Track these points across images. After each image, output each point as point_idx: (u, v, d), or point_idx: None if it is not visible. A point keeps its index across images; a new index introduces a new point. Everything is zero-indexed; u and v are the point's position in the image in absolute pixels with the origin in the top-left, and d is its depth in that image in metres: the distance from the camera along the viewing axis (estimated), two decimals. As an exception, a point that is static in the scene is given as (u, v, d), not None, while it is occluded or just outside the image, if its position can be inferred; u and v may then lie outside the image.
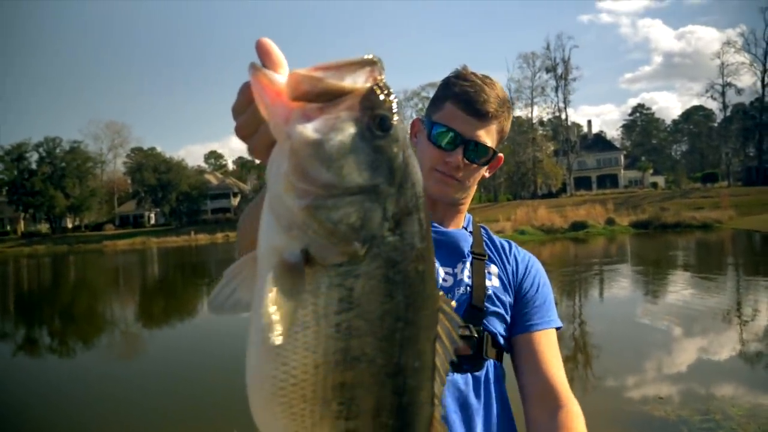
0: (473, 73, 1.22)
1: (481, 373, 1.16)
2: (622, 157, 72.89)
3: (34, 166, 71.55)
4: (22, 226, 73.57)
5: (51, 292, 20.32)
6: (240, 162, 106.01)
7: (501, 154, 1.27)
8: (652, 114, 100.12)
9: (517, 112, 68.75)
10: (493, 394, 1.18)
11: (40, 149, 71.79)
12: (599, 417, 4.90)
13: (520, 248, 1.39)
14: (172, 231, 61.41)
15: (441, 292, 0.52)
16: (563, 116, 66.89)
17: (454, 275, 1.21)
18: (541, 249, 22.78)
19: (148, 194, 70.62)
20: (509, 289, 1.28)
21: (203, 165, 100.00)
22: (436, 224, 1.26)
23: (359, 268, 0.45)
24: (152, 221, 77.00)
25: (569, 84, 65.14)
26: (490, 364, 1.19)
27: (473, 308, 1.18)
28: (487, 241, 1.33)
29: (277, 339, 0.43)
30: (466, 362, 1.13)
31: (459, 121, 1.17)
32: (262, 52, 0.48)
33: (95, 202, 73.45)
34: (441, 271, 1.21)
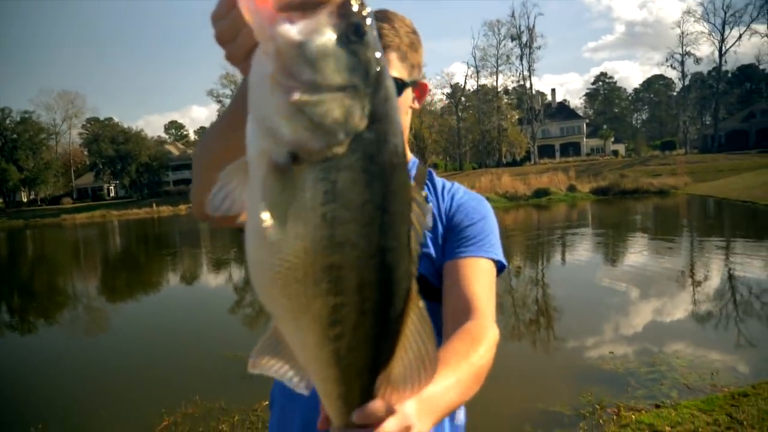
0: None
1: None
2: (585, 126, 74.11)
3: (-18, 138, 68.40)
4: (-28, 201, 70.60)
5: (10, 268, 19.73)
6: (202, 132, 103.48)
7: (423, 81, 1.23)
8: (614, 83, 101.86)
9: (482, 81, 68.82)
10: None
11: (-12, 120, 68.56)
12: (553, 372, 5.15)
13: (463, 188, 1.33)
14: (133, 203, 59.97)
15: (413, 183, 0.59)
16: (528, 85, 67.34)
17: None
18: (505, 216, 23.19)
19: (107, 166, 68.61)
20: (439, 226, 1.23)
21: (163, 135, 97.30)
22: None
23: (341, 162, 0.51)
24: (112, 194, 75.01)
25: (534, 52, 65.40)
26: (426, 306, 1.15)
27: None
28: (429, 185, 1.30)
29: (273, 234, 0.50)
30: None
31: None
32: None
33: (50, 175, 70.82)
34: None
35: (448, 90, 73.13)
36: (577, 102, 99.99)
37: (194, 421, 4.35)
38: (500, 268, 1.22)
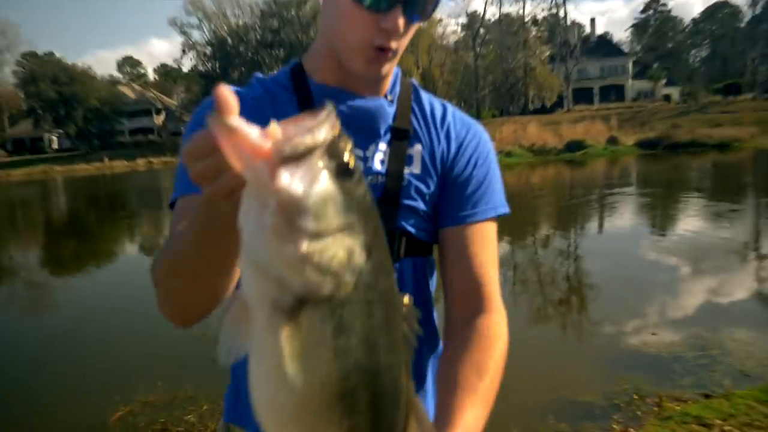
0: None
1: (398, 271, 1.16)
2: (631, 65, 73.35)
3: None
4: None
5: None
6: (163, 71, 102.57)
7: None
8: (668, 12, 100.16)
9: (506, 8, 67.92)
10: (412, 291, 1.20)
11: None
12: (584, 356, 5.23)
13: (459, 114, 1.30)
14: (80, 157, 59.85)
15: (405, 297, 0.71)
16: (561, 14, 66.35)
17: (364, 159, 1.16)
18: (531, 173, 23.22)
19: (48, 112, 68.21)
20: (433, 174, 1.22)
21: (116, 75, 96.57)
22: (349, 92, 1.17)
23: (346, 297, 0.61)
24: (54, 146, 74.84)
25: (570, -28, 64.27)
26: (405, 263, 1.20)
27: (383, 203, 1.13)
28: (416, 110, 1.25)
29: (286, 376, 0.58)
30: None
31: None
32: (221, 104, 0.58)
33: (-22, 122, 70.57)
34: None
35: (463, 20, 72.15)
36: (621, 35, 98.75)
37: (155, 410, 4.43)
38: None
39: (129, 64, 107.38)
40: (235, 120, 0.59)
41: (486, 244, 1.23)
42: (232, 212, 0.62)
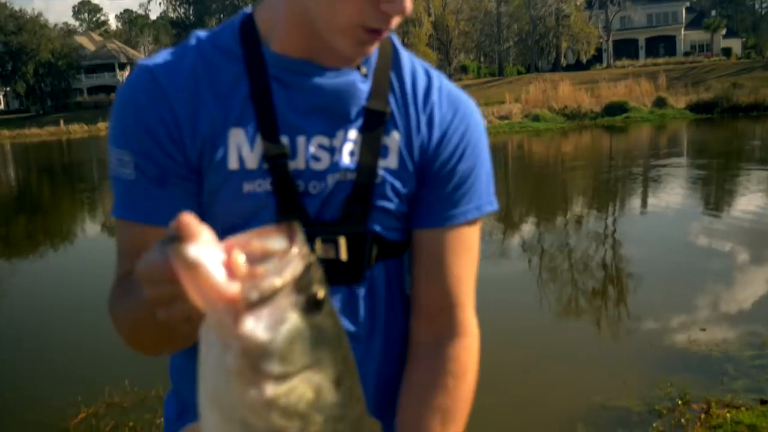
0: None
1: (361, 286, 1.17)
2: (684, 12, 72.69)
3: None
4: None
5: None
6: (127, 18, 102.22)
7: None
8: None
9: (536, -57, 67.12)
10: (383, 306, 1.21)
11: None
12: (620, 356, 5.28)
13: (447, 88, 1.23)
14: (32, 120, 60.09)
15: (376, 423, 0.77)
16: (602, -50, 65.58)
17: (331, 150, 1.13)
18: (562, 141, 23.17)
19: (-8, 66, 68.20)
20: (411, 168, 1.17)
21: (73, 23, 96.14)
22: (312, 66, 1.12)
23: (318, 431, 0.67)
24: (1, 106, 74.88)
25: None
26: (377, 268, 1.18)
27: (353, 203, 1.13)
28: (395, 83, 1.19)
29: None
30: (342, 274, 1.14)
31: None
32: (183, 231, 0.60)
33: None
34: (313, 146, 1.12)
35: (485, -43, 71.48)
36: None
37: (122, 412, 4.53)
38: None
39: (87, 9, 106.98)
40: (198, 252, 0.62)
41: (464, 252, 1.21)
42: (188, 331, 0.69)
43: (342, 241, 1.11)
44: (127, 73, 75.29)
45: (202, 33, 1.16)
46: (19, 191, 21.38)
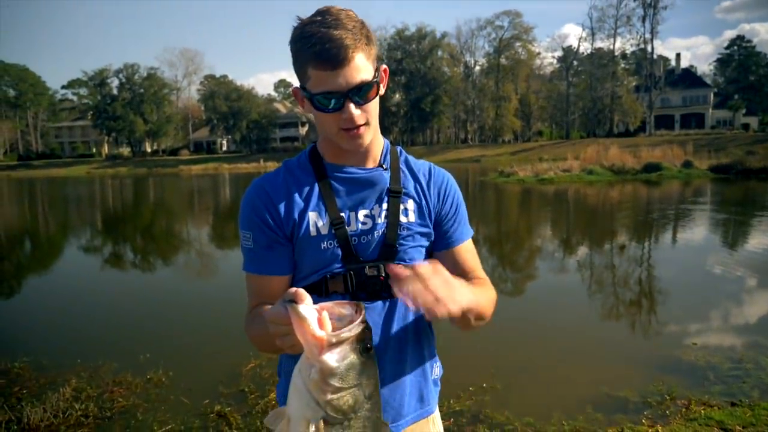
0: (312, 21, 1.17)
1: (398, 300, 1.29)
2: (712, 95, 67.76)
3: (115, 91, 74.98)
4: (106, 149, 78.30)
5: (135, 211, 21.98)
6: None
7: (384, 67, 1.26)
8: (753, 47, 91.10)
9: (598, 44, 64.70)
10: (411, 315, 1.35)
11: (120, 75, 75.01)
12: (629, 357, 5.07)
13: (436, 169, 1.43)
14: (242, 158, 63.53)
15: (386, 425, 0.92)
16: (649, 49, 62.39)
17: (372, 217, 1.30)
18: (609, 190, 22.16)
19: (220, 121, 72.90)
20: (428, 220, 1.36)
21: (273, 94, 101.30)
22: (353, 168, 1.31)
23: (352, 423, 0.85)
24: (224, 148, 79.74)
25: (658, 13, 60.37)
26: None
27: (386, 246, 1.29)
28: (406, 173, 1.38)
29: None
30: (382, 291, 1.29)
31: (330, 81, 1.15)
32: (297, 297, 0.84)
33: (171, 128, 76.74)
34: (360, 215, 1.30)
35: (559, 53, 69.57)
36: (705, 68, 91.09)
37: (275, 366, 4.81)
38: None
39: (283, 85, 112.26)
40: (304, 310, 0.83)
41: (470, 254, 1.43)
42: (291, 352, 0.91)
43: (382, 267, 1.28)
44: (306, 128, 78.40)
45: (290, 160, 1.39)
46: (232, 204, 22.70)
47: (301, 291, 0.85)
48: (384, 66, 1.27)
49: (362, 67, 1.17)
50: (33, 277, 10.04)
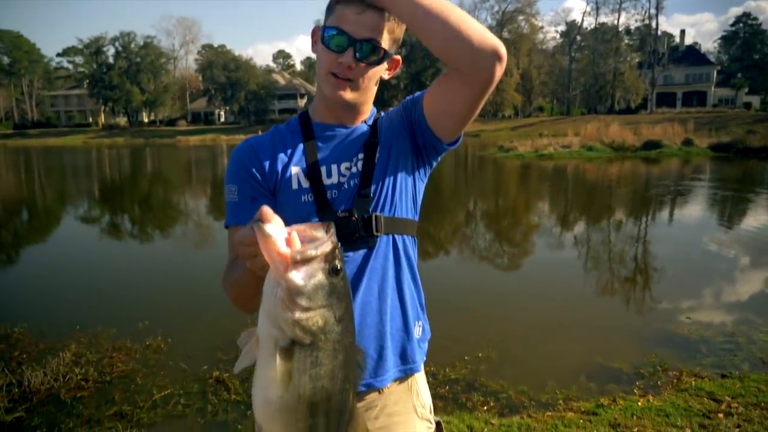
0: None
1: (375, 247, 1.32)
2: (715, 73, 67.07)
3: (111, 60, 73.96)
4: (102, 119, 77.60)
5: (133, 181, 21.92)
6: (308, 62, 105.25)
7: (397, 57, 1.33)
8: (759, 25, 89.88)
9: (602, 19, 63.92)
10: (391, 258, 1.35)
11: (116, 43, 73.72)
12: (623, 329, 5.15)
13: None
14: (240, 129, 63.00)
15: (360, 350, 0.92)
16: (653, 24, 61.60)
17: (350, 168, 1.34)
18: (608, 166, 22.13)
19: (218, 92, 71.99)
20: (397, 159, 1.36)
21: (271, 64, 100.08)
22: (339, 127, 1.37)
23: (322, 345, 0.83)
24: (222, 119, 79.05)
25: (665, -13, 59.26)
26: (385, 239, 1.34)
27: (359, 197, 1.31)
28: (383, 126, 1.40)
29: (278, 387, 0.83)
30: (359, 241, 1.30)
31: (349, 22, 1.21)
32: (263, 215, 0.82)
33: (168, 98, 75.82)
34: (343, 168, 1.33)
35: (562, 28, 68.76)
36: (709, 46, 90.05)
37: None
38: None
39: (281, 56, 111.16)
40: (270, 228, 0.81)
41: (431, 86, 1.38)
42: (262, 276, 0.88)
43: (354, 211, 1.31)
44: (305, 100, 77.72)
45: (280, 125, 1.45)
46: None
47: (268, 209, 0.84)
48: (398, 56, 1.32)
49: (381, 31, 1.24)
50: (31, 246, 10.08)
